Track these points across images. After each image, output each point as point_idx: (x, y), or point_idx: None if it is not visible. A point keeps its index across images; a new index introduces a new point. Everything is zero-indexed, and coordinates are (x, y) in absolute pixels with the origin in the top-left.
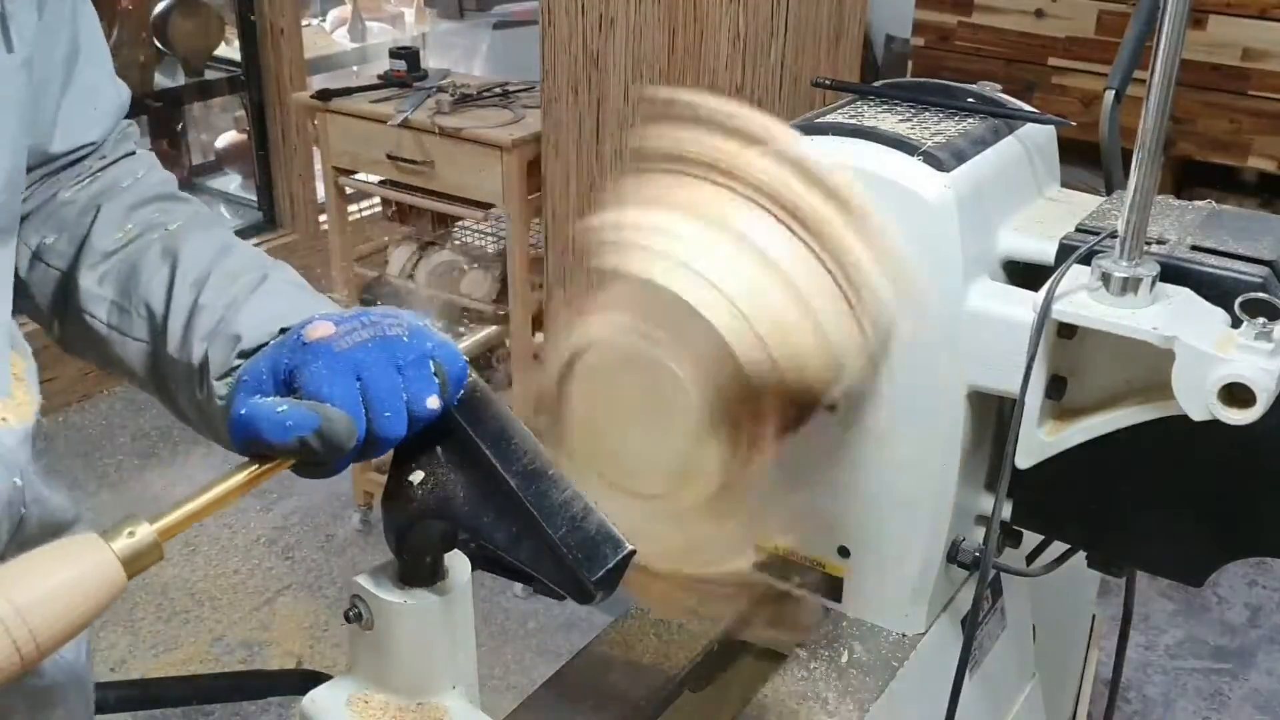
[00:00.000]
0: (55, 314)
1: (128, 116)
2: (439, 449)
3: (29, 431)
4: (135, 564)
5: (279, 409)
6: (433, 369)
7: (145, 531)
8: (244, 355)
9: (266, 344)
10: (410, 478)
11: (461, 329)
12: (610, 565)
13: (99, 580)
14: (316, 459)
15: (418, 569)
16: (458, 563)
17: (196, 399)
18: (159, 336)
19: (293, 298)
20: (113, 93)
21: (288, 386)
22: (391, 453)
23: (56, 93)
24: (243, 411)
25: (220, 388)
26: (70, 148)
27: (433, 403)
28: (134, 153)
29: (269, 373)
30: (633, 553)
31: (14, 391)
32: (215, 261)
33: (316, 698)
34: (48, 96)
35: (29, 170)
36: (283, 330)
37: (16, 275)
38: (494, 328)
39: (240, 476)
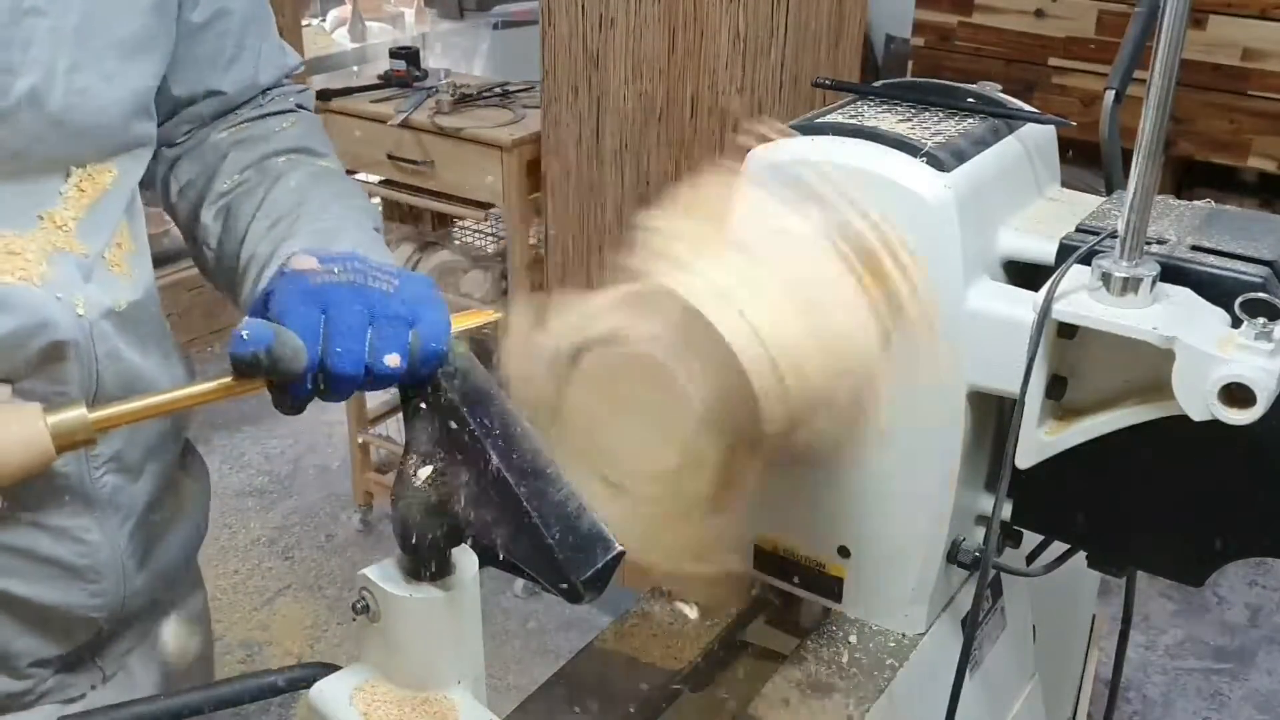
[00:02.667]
0: (189, 239)
1: None
2: (447, 445)
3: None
4: (64, 439)
5: (245, 324)
6: (409, 335)
7: (80, 414)
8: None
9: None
10: (420, 472)
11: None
12: (599, 566)
13: (25, 444)
14: (264, 374)
15: (424, 563)
16: (465, 558)
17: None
18: (237, 264)
19: (326, 236)
20: (277, 55)
21: (267, 308)
22: (402, 451)
23: (213, 43)
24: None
25: None
26: (200, 92)
27: (391, 360)
28: (292, 110)
29: (263, 295)
30: (623, 554)
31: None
32: (296, 207)
33: (324, 687)
34: (201, 45)
35: (188, 105)
36: None
37: (168, 199)
38: (496, 314)
39: (191, 390)
